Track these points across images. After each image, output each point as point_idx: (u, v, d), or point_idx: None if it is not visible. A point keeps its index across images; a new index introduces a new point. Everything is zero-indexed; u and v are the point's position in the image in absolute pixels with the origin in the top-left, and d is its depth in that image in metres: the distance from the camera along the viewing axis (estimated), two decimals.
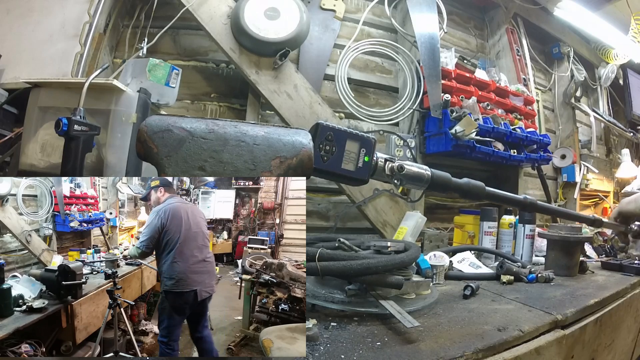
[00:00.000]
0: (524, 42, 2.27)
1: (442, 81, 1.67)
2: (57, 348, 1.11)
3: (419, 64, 1.71)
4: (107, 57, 1.47)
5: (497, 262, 1.29)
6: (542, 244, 1.53)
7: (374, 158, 0.46)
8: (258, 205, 2.98)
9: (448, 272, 1.19)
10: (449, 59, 1.77)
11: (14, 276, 1.14)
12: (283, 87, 1.48)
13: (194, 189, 2.87)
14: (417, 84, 1.69)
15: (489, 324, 0.77)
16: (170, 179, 1.41)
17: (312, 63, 1.67)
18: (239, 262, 2.42)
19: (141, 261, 1.56)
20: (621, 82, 2.96)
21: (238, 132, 0.38)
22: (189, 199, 2.70)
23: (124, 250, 1.80)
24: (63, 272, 1.08)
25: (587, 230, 1.68)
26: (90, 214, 1.72)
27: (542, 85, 2.51)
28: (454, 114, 1.62)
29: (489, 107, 1.79)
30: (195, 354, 1.31)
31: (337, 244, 0.90)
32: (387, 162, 0.45)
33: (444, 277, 1.16)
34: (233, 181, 3.03)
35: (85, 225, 1.68)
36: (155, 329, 1.54)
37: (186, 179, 2.70)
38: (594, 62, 2.78)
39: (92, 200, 1.77)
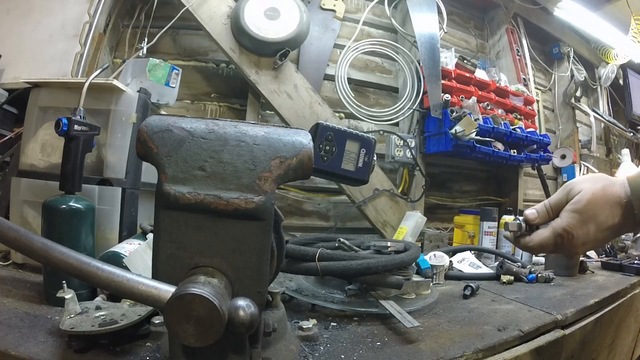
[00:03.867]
0: (524, 42, 2.27)
1: (442, 81, 1.67)
2: None
3: (419, 64, 1.71)
4: (107, 57, 1.47)
5: (497, 262, 1.29)
6: None
7: (374, 158, 0.46)
8: None
9: (448, 272, 1.19)
10: (449, 59, 1.77)
11: None
12: (283, 87, 1.48)
13: None
14: (417, 84, 1.69)
15: (489, 324, 0.77)
16: None
17: (312, 63, 1.67)
18: None
19: None
20: (621, 82, 2.96)
21: (238, 132, 0.38)
22: None
23: None
24: None
25: None
26: None
27: (542, 85, 2.51)
28: (454, 114, 1.62)
29: (489, 107, 1.79)
30: None
31: (337, 244, 0.90)
32: None
33: (444, 277, 1.16)
34: None
35: None
36: None
37: None
38: (594, 62, 2.78)
39: None
